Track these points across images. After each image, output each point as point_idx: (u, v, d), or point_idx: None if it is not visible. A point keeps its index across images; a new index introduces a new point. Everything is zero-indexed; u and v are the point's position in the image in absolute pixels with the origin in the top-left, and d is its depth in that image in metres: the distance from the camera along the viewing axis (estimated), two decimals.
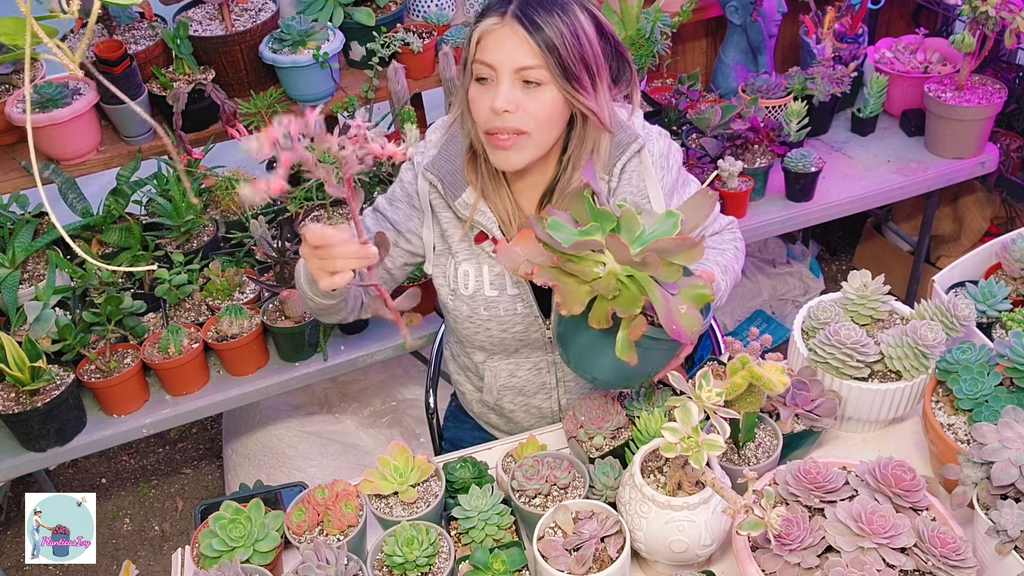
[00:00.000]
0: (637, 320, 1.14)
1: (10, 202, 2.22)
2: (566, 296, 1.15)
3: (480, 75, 1.36)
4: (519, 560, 1.25)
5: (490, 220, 1.47)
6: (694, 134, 2.44)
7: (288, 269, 2.08)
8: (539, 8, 1.32)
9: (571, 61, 1.33)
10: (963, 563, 1.10)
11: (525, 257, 1.17)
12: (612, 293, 1.14)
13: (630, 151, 1.46)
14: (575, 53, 1.33)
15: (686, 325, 1.13)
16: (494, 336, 1.56)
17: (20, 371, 1.83)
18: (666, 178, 1.51)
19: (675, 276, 1.14)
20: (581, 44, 1.33)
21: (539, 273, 1.16)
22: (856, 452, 1.47)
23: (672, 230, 1.17)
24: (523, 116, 1.35)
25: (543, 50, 1.31)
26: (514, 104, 1.33)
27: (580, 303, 1.15)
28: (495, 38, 1.33)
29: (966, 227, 2.94)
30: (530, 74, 1.33)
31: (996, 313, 1.55)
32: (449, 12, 2.61)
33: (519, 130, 1.36)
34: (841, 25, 2.66)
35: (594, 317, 1.15)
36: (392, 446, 1.36)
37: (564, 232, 1.17)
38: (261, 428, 2.53)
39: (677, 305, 1.14)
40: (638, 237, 1.17)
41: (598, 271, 1.15)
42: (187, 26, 2.29)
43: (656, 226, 1.19)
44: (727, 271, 1.51)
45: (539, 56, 1.32)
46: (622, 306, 1.13)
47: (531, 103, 1.34)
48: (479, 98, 1.37)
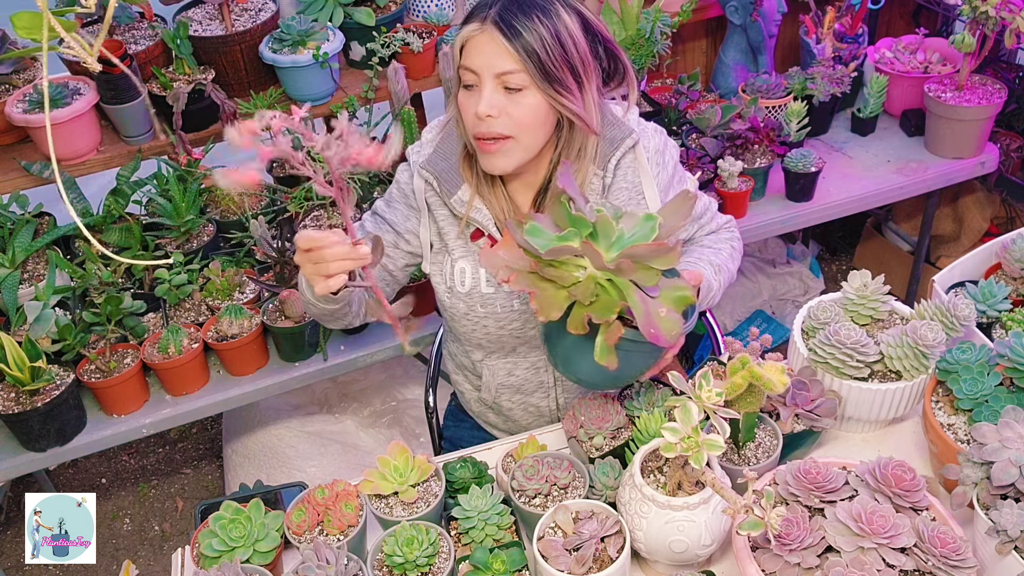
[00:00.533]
0: (614, 325, 1.15)
1: (10, 202, 2.22)
2: (542, 302, 1.15)
3: (466, 81, 1.37)
4: (519, 560, 1.25)
5: (486, 217, 1.47)
6: (694, 134, 2.44)
7: (288, 269, 2.08)
8: (518, 13, 1.31)
9: (552, 65, 1.33)
10: (963, 563, 1.10)
11: (506, 262, 1.18)
12: (589, 299, 1.15)
13: (624, 147, 1.47)
14: (556, 56, 1.32)
15: (665, 328, 1.13)
16: (491, 334, 1.56)
17: (20, 371, 1.83)
18: (661, 175, 1.52)
19: (654, 280, 1.15)
20: (564, 46, 1.33)
21: (515, 280, 1.16)
22: (856, 452, 1.47)
23: (650, 234, 1.17)
24: (506, 121, 1.36)
25: (522, 55, 1.31)
26: (497, 109, 1.34)
27: (558, 309, 1.15)
28: (476, 44, 1.34)
29: (966, 227, 2.94)
30: (510, 79, 1.33)
31: (996, 313, 1.55)
32: (449, 12, 2.61)
33: (503, 135, 1.37)
34: (841, 25, 2.66)
35: (572, 322, 1.16)
36: (392, 446, 1.36)
37: (542, 238, 1.17)
38: (261, 428, 2.53)
39: (657, 308, 1.14)
40: (614, 242, 1.17)
41: (578, 275, 1.16)
42: (187, 26, 2.29)
43: (634, 230, 1.19)
44: (721, 271, 1.51)
45: (518, 61, 1.32)
46: (598, 312, 1.14)
47: (514, 108, 1.35)
48: (466, 103, 1.38)
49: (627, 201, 1.50)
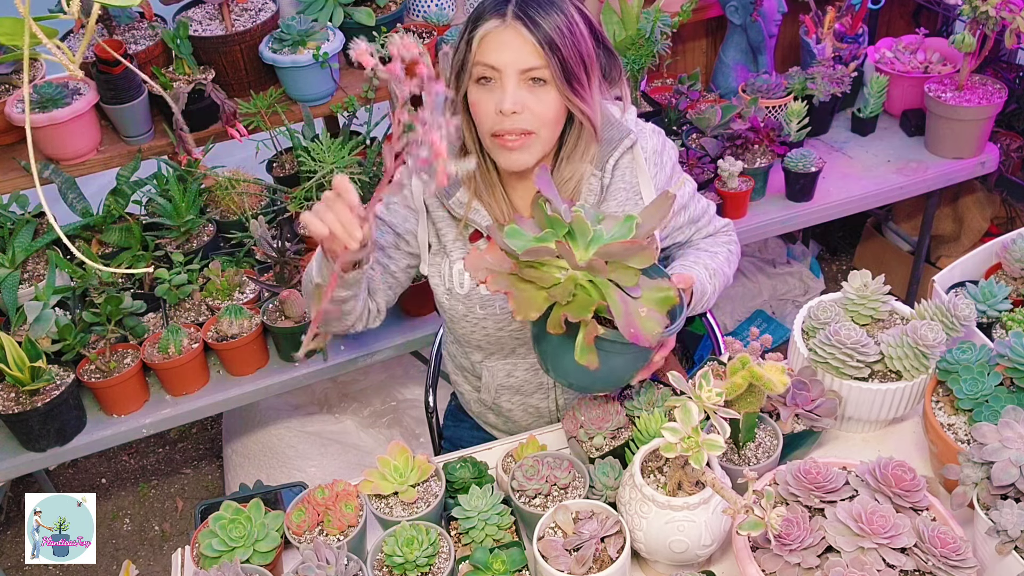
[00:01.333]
0: (590, 324, 1.15)
1: (10, 202, 2.22)
2: (519, 302, 1.16)
3: (483, 76, 1.36)
4: (519, 560, 1.25)
5: (484, 219, 1.47)
6: (694, 134, 2.45)
7: (288, 269, 2.08)
8: (538, 7, 1.32)
9: (571, 59, 1.34)
10: (963, 563, 1.10)
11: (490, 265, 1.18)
12: (566, 298, 1.15)
13: (622, 147, 1.47)
14: (573, 51, 1.34)
15: (645, 328, 1.13)
16: (490, 335, 1.56)
17: (20, 371, 1.83)
18: (659, 175, 1.52)
19: (633, 280, 1.15)
20: (577, 41, 1.34)
21: (492, 281, 1.17)
22: (856, 452, 1.47)
23: (627, 234, 1.18)
24: (529, 116, 1.35)
25: (546, 50, 1.32)
26: (520, 105, 1.34)
27: (536, 309, 1.16)
28: (497, 40, 1.33)
29: (966, 227, 2.94)
30: (535, 74, 1.34)
31: (996, 313, 1.55)
32: (449, 12, 2.61)
33: (526, 131, 1.36)
34: (841, 25, 2.66)
35: (551, 323, 1.16)
36: (392, 446, 1.36)
37: (519, 239, 1.18)
38: (261, 428, 2.53)
39: (637, 308, 1.15)
40: (590, 242, 1.18)
41: (559, 276, 1.16)
42: (187, 26, 2.29)
43: (613, 231, 1.20)
44: (716, 275, 1.51)
45: (543, 56, 1.32)
46: (573, 311, 1.15)
47: (536, 104, 1.35)
48: (482, 100, 1.37)
49: (624, 201, 1.50)
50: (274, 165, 2.46)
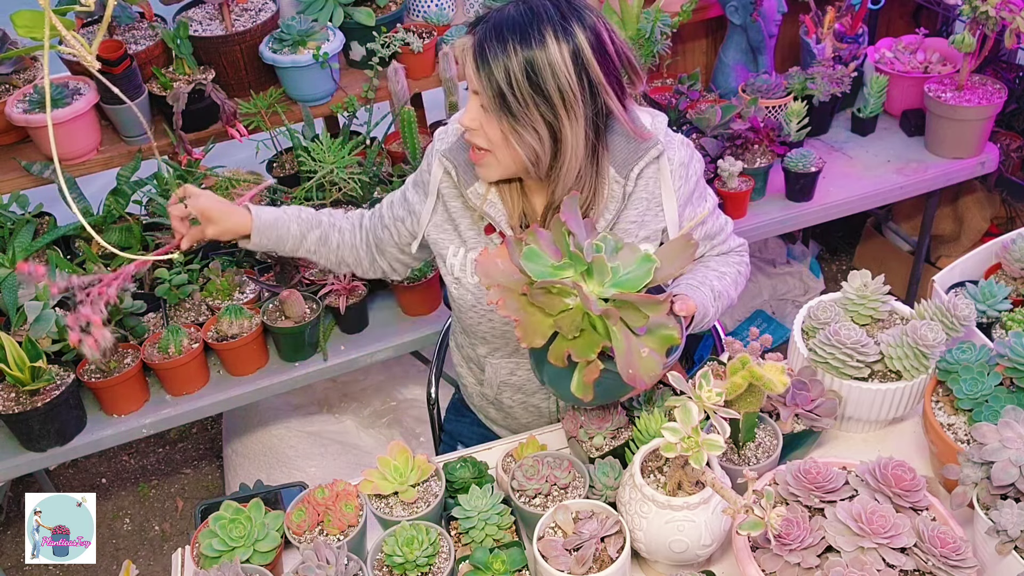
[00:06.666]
0: (593, 364, 1.15)
1: (10, 202, 2.22)
2: (526, 329, 1.16)
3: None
4: (519, 560, 1.25)
5: (499, 213, 1.47)
6: (694, 134, 2.44)
7: (288, 269, 2.08)
8: (495, 39, 1.30)
9: (514, 97, 1.31)
10: (963, 563, 1.10)
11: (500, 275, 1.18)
12: (572, 333, 1.15)
13: (648, 156, 1.44)
14: (522, 90, 1.30)
15: (644, 369, 1.13)
16: (496, 328, 1.56)
17: (20, 371, 1.83)
18: (683, 188, 1.49)
19: (641, 322, 1.15)
20: (534, 79, 1.29)
21: (503, 306, 1.17)
22: (856, 452, 1.47)
23: (645, 277, 1.18)
24: (482, 135, 1.37)
25: (484, 83, 1.32)
26: (476, 122, 1.36)
27: (541, 336, 1.16)
28: (462, 56, 1.35)
29: (966, 227, 2.94)
30: (481, 100, 1.35)
31: (996, 313, 1.55)
32: (449, 12, 2.61)
33: (481, 147, 1.39)
34: (841, 25, 2.66)
35: (553, 354, 1.16)
36: (392, 446, 1.37)
37: (537, 264, 1.18)
38: (261, 428, 2.53)
39: (639, 348, 1.14)
40: (608, 281, 1.18)
41: (568, 303, 1.16)
42: (187, 26, 2.29)
43: (630, 268, 1.19)
44: (720, 297, 1.50)
45: (482, 88, 1.33)
46: (579, 349, 1.14)
47: (488, 126, 1.36)
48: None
49: (644, 212, 1.48)
50: (274, 165, 2.46)
